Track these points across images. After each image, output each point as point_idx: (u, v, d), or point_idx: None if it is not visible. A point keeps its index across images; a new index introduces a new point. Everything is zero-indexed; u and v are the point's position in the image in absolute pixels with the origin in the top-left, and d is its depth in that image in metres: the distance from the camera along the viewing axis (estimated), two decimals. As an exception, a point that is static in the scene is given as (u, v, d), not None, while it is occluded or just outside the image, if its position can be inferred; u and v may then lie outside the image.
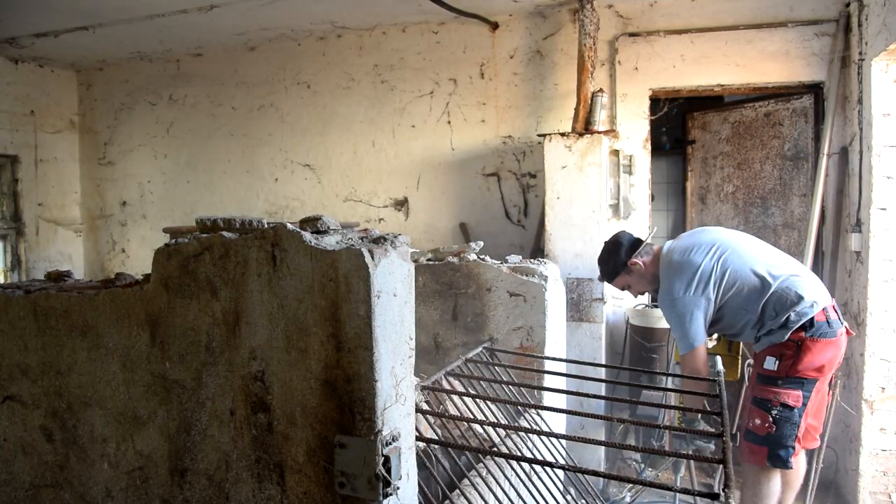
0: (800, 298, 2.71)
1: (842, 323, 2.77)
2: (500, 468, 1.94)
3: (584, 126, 4.00)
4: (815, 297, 2.73)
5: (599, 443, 1.70)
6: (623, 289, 3.25)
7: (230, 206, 5.44)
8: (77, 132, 5.96)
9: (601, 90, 4.04)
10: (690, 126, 4.71)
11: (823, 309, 2.72)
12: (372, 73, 4.94)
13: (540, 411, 2.33)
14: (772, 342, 2.77)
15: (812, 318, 2.69)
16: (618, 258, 3.13)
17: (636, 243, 3.14)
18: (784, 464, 2.73)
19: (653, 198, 4.49)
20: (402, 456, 1.23)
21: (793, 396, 2.69)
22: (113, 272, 4.15)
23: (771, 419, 2.71)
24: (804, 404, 2.70)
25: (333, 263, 1.16)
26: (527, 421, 2.39)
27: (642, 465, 3.86)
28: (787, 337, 2.71)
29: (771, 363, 2.76)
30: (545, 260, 2.87)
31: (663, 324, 3.84)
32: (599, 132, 3.92)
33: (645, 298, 4.22)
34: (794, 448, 2.71)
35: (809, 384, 2.71)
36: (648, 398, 3.42)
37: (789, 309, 2.72)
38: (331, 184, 5.15)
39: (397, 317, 1.23)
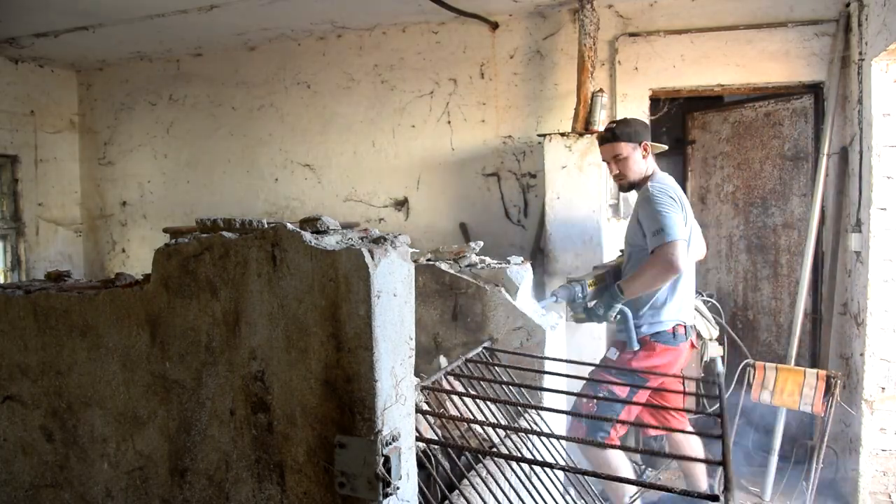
0: (672, 313, 2.97)
1: (687, 338, 3.03)
2: (499, 468, 1.94)
3: (584, 126, 4.00)
4: (683, 315, 3.01)
5: (599, 444, 1.70)
6: (610, 158, 3.09)
7: (230, 206, 5.44)
8: (77, 132, 5.96)
9: (601, 90, 4.04)
10: (690, 126, 4.71)
11: (674, 326, 2.97)
12: (372, 73, 4.94)
13: (540, 412, 2.33)
14: (621, 338, 3.00)
15: (664, 330, 2.96)
16: (642, 129, 3.10)
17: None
18: (606, 434, 2.91)
19: (653, 198, 4.48)
20: (402, 456, 1.23)
21: (620, 387, 2.82)
22: (113, 272, 4.15)
23: (595, 401, 2.84)
24: (629, 397, 2.83)
25: (333, 263, 1.16)
26: (527, 421, 2.39)
27: (642, 466, 3.86)
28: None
29: (612, 352, 3.01)
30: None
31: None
32: (600, 132, 3.92)
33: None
34: (608, 433, 2.88)
35: (640, 380, 2.90)
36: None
37: (656, 318, 2.96)
38: (331, 184, 5.15)
39: (397, 317, 1.24)
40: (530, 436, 2.12)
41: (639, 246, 3.00)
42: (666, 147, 3.26)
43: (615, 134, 3.05)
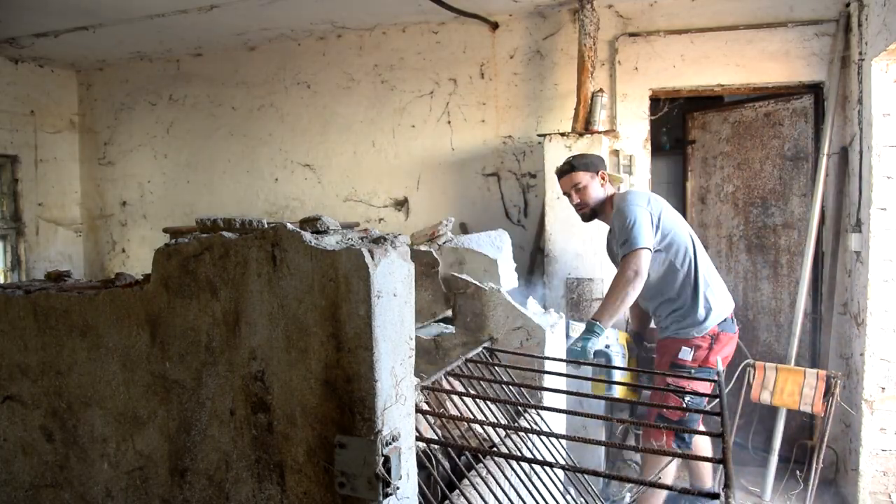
0: (722, 300, 3.08)
1: (735, 323, 3.20)
2: (500, 468, 1.94)
3: (584, 126, 4.00)
4: (729, 300, 3.14)
5: (599, 443, 1.70)
6: (570, 188, 3.25)
7: (230, 206, 5.43)
8: (77, 132, 5.96)
9: (601, 90, 4.04)
10: (690, 126, 4.71)
11: (730, 312, 3.13)
12: (372, 73, 4.94)
13: (540, 411, 2.33)
14: (689, 334, 3.04)
15: (726, 318, 3.09)
16: (597, 160, 3.29)
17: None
18: (687, 445, 3.06)
19: (653, 198, 4.49)
20: (402, 456, 1.23)
21: (703, 385, 2.91)
22: (113, 272, 4.15)
23: (685, 405, 2.94)
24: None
25: (333, 263, 1.16)
26: (527, 421, 2.39)
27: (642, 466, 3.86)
28: (705, 331, 3.02)
29: (686, 353, 3.03)
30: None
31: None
32: (599, 132, 3.92)
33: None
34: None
35: (711, 373, 2.99)
36: (648, 398, 3.42)
37: (713, 307, 3.02)
38: (331, 184, 5.15)
39: (397, 317, 1.23)
40: (530, 435, 2.12)
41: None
42: (622, 180, 3.47)
43: (573, 166, 3.24)
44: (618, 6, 4.25)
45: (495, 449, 1.92)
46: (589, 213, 3.27)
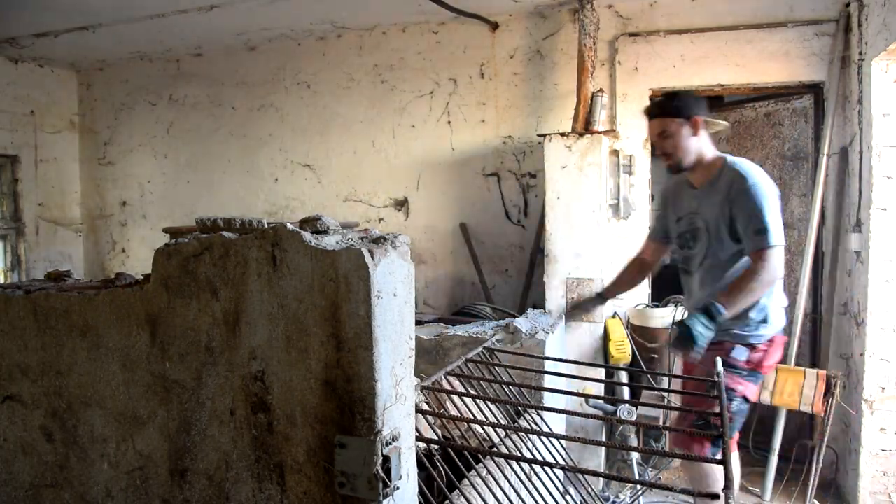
0: (783, 303, 2.78)
1: None
2: (500, 468, 1.94)
3: (584, 126, 4.00)
4: (785, 301, 2.81)
5: (599, 443, 1.70)
6: (657, 135, 2.77)
7: (230, 206, 5.43)
8: (77, 132, 5.96)
9: (601, 90, 4.04)
10: (690, 126, 4.70)
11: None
12: (372, 73, 4.94)
13: (540, 411, 2.33)
14: (751, 335, 2.67)
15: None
16: (696, 104, 2.78)
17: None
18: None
19: (653, 198, 4.49)
20: (402, 456, 1.23)
21: (751, 390, 2.64)
22: (113, 272, 4.15)
23: (731, 410, 2.56)
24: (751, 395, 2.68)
25: (333, 263, 1.16)
26: (527, 421, 2.39)
27: (643, 466, 3.86)
28: (772, 333, 2.68)
29: (741, 353, 2.65)
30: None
31: (663, 323, 3.84)
32: (599, 132, 3.92)
33: (645, 298, 4.22)
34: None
35: (760, 379, 2.72)
36: (649, 399, 3.43)
37: (781, 310, 2.74)
38: (331, 184, 5.15)
39: (397, 317, 1.24)
40: (530, 435, 2.12)
41: (722, 239, 2.70)
42: (725, 124, 2.93)
43: (661, 108, 2.80)
44: (618, 6, 4.25)
45: (495, 449, 1.92)
46: (675, 165, 2.78)
